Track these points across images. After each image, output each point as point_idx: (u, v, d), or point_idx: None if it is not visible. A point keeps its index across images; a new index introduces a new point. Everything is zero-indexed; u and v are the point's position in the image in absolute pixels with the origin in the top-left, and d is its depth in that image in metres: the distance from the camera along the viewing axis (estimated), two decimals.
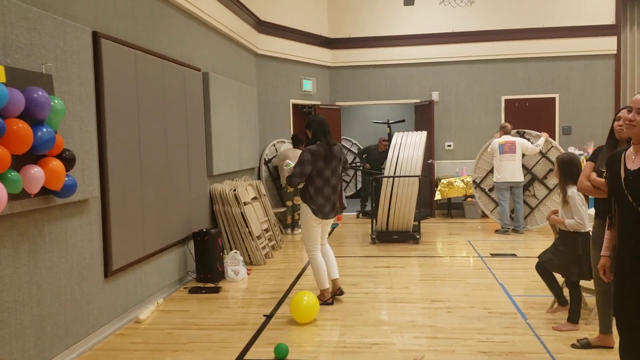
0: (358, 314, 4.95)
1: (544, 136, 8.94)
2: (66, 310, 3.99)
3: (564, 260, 4.44)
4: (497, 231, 8.92)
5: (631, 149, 2.78)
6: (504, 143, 8.77)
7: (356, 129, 14.58)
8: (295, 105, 10.56)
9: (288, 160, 5.60)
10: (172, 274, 5.86)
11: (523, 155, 8.87)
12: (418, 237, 8.17)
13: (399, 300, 5.35)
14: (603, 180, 3.13)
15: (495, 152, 8.85)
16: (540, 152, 8.98)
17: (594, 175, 3.76)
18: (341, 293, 5.41)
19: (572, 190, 4.34)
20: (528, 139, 9.05)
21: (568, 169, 4.42)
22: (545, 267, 4.64)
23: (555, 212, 4.61)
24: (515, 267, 6.65)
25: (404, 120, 13.10)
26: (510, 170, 8.65)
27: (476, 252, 7.45)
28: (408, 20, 10.92)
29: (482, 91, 10.94)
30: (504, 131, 8.98)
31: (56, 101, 3.52)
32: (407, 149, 8.41)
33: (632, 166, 2.73)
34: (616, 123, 3.69)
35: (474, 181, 9.54)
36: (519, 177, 8.69)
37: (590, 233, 4.17)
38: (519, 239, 8.40)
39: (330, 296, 5.29)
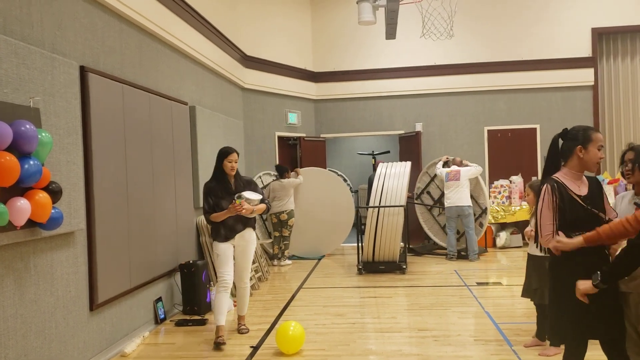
0: (345, 344, 4.95)
1: (443, 159, 9.79)
2: (51, 343, 3.95)
3: (537, 284, 4.59)
4: (446, 257, 9.29)
5: (567, 177, 3.03)
6: (450, 172, 9.26)
7: (342, 161, 14.71)
8: (280, 138, 10.66)
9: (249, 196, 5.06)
10: (159, 307, 5.82)
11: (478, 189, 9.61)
12: (404, 267, 8.20)
13: (385, 330, 5.35)
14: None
15: (443, 180, 9.37)
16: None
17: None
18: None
19: None
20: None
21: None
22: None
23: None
24: (501, 295, 6.69)
25: (388, 152, 13.27)
26: (455, 197, 9.07)
27: (462, 281, 7.49)
28: (390, 54, 11.16)
29: (465, 122, 11.13)
30: (453, 162, 9.55)
31: (43, 134, 3.56)
32: (391, 179, 8.51)
33: (580, 192, 2.99)
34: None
35: (415, 193, 10.00)
36: (465, 202, 9.04)
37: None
38: (503, 267, 8.47)
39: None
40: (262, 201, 5.11)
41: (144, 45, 5.77)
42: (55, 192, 3.73)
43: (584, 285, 2.74)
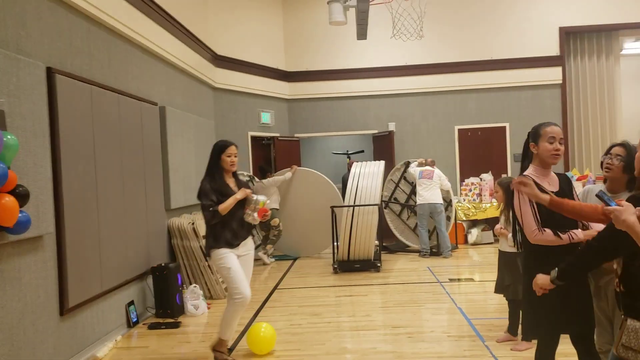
0: (320, 344, 4.95)
1: (420, 161, 9.77)
2: (19, 350, 3.87)
3: (509, 280, 4.62)
4: (419, 254, 9.38)
5: (536, 173, 3.04)
6: (424, 170, 9.38)
7: (316, 161, 14.70)
8: (254, 138, 10.62)
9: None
10: (131, 310, 5.74)
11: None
12: (379, 265, 8.25)
13: (360, 328, 5.38)
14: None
15: (416, 178, 9.46)
16: None
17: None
18: None
19: None
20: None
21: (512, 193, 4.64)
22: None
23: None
24: (473, 291, 6.78)
25: (362, 151, 13.31)
26: (427, 194, 9.20)
27: (435, 277, 7.56)
28: (362, 54, 11.20)
29: (437, 122, 11.24)
30: (426, 163, 9.60)
31: (9, 137, 3.48)
32: (366, 178, 8.55)
33: (551, 188, 3.01)
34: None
35: (382, 201, 9.95)
36: (437, 199, 9.19)
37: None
38: (475, 263, 8.58)
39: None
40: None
41: (113, 46, 5.69)
42: (22, 196, 3.65)
43: (543, 280, 2.78)
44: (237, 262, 4.39)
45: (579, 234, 2.92)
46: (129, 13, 6.00)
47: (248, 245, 4.56)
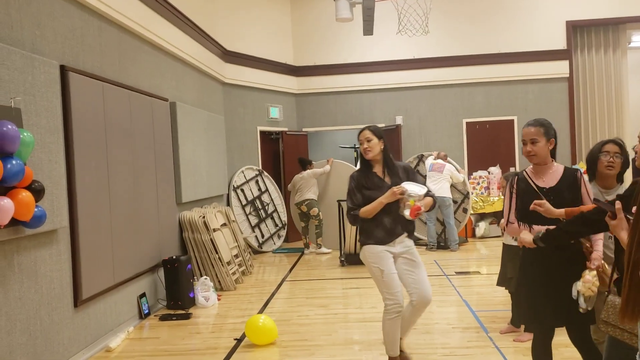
0: (327, 334, 5.06)
1: (434, 154, 9.79)
2: (36, 340, 4.01)
3: (512, 273, 4.70)
4: (426, 247, 9.47)
5: (533, 170, 3.16)
6: (435, 163, 9.44)
7: (324, 154, 14.76)
8: (262, 132, 10.72)
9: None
10: (143, 302, 5.88)
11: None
12: None
13: (367, 320, 5.48)
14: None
15: (427, 170, 9.53)
16: None
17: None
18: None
19: None
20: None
21: None
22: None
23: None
24: (479, 284, 6.86)
25: None
26: (435, 188, 9.12)
27: (442, 270, 7.65)
28: (369, 48, 11.23)
29: (444, 115, 11.28)
30: (438, 157, 9.65)
31: (25, 134, 3.60)
32: None
33: (544, 184, 3.09)
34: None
35: None
36: (445, 193, 9.18)
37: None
38: (482, 256, 8.65)
39: None
40: (426, 194, 3.85)
41: (124, 43, 5.80)
42: (37, 191, 3.77)
43: (527, 237, 2.95)
44: (391, 263, 3.85)
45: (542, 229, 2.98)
46: (139, 10, 6.10)
47: (406, 242, 3.96)
